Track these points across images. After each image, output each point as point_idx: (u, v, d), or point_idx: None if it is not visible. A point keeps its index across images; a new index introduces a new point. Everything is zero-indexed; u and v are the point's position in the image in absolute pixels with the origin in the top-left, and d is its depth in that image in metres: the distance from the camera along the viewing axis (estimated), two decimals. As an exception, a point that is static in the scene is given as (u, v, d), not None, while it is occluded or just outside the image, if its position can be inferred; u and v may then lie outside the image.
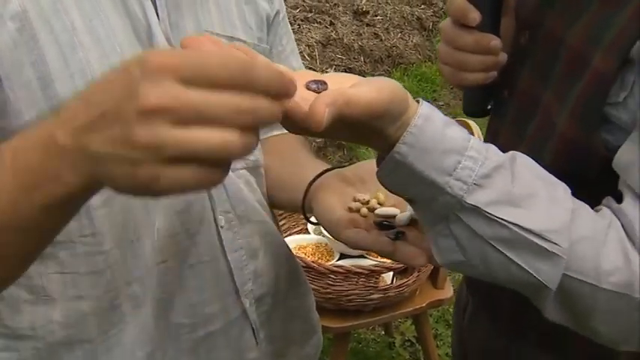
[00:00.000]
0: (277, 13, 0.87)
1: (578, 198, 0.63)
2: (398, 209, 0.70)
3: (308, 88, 0.56)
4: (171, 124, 0.41)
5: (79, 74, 0.66)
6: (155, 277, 0.74)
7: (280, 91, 0.45)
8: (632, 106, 0.62)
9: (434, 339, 2.16)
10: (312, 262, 1.72)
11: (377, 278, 1.76)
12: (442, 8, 6.20)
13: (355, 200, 0.72)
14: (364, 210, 0.71)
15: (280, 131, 0.92)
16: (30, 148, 0.49)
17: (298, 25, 4.80)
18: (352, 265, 1.76)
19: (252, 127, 0.43)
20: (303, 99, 0.51)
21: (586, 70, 0.65)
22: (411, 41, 5.51)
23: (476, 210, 0.58)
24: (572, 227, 0.59)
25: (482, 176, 0.57)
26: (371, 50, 5.04)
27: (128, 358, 0.74)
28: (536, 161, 0.67)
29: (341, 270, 1.72)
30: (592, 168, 0.66)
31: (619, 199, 0.63)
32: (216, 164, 0.43)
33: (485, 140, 0.82)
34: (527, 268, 0.59)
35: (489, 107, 0.84)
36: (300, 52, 4.40)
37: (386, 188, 0.62)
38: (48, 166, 0.47)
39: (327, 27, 4.97)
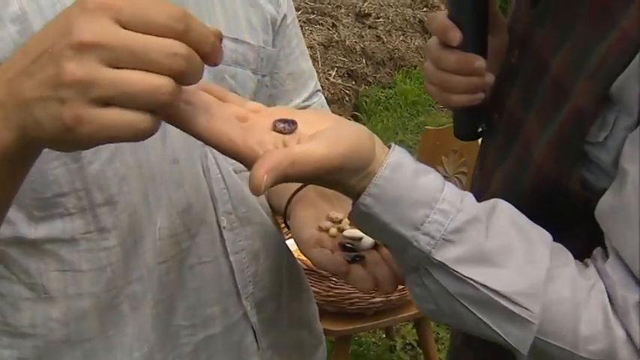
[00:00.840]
0: (285, 16, 0.86)
1: (561, 233, 0.59)
2: None
3: (275, 127, 0.54)
4: (104, 63, 0.41)
5: None
6: (156, 277, 0.73)
7: (210, 52, 0.45)
8: (612, 147, 0.56)
9: (435, 343, 2.16)
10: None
11: (379, 282, 1.75)
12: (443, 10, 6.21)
13: (328, 218, 0.73)
14: (333, 230, 0.70)
15: None
16: None
17: (300, 26, 4.79)
18: (354, 268, 1.76)
19: (184, 76, 0.43)
20: (260, 145, 0.50)
21: (566, 102, 0.60)
22: (413, 44, 5.51)
23: (443, 267, 0.54)
24: (548, 288, 0.54)
25: (452, 231, 0.54)
26: (373, 52, 5.04)
27: (127, 357, 0.73)
28: (512, 191, 0.64)
29: (343, 273, 1.71)
30: (571, 206, 0.61)
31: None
32: (146, 110, 0.43)
33: (476, 165, 0.79)
34: (496, 329, 0.56)
35: (481, 130, 0.77)
36: (302, 54, 4.41)
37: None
38: None
39: (329, 29, 4.97)
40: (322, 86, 3.64)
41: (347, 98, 4.52)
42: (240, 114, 0.55)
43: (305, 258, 0.76)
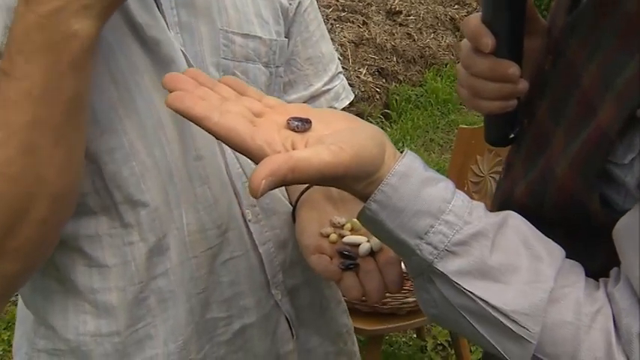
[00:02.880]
0: (300, 3, 0.86)
1: (581, 250, 0.57)
2: (365, 237, 0.69)
3: (289, 125, 0.54)
4: None
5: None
6: (187, 272, 0.75)
7: None
8: (638, 169, 0.53)
9: (468, 343, 2.13)
10: (347, 263, 1.70)
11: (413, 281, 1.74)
12: (476, 8, 6.13)
13: (330, 223, 0.73)
14: (333, 236, 0.70)
15: None
16: (33, 28, 0.56)
17: (331, 24, 4.78)
18: (387, 268, 1.75)
19: None
20: (268, 144, 0.51)
21: (592, 119, 0.57)
22: (444, 42, 5.46)
23: (445, 277, 0.54)
24: (550, 310, 0.53)
25: (456, 243, 0.53)
26: (403, 50, 5.00)
27: (160, 351, 0.75)
28: (535, 204, 0.62)
29: (376, 272, 1.71)
30: (592, 224, 0.58)
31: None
32: None
33: (502, 172, 0.77)
34: (495, 344, 0.55)
35: (512, 136, 0.73)
36: (333, 52, 4.40)
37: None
38: (61, 30, 0.55)
39: (359, 27, 4.95)
40: (352, 84, 3.63)
41: (377, 96, 4.50)
42: (256, 109, 0.56)
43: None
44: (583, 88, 0.59)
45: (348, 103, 0.96)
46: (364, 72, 4.55)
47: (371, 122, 3.47)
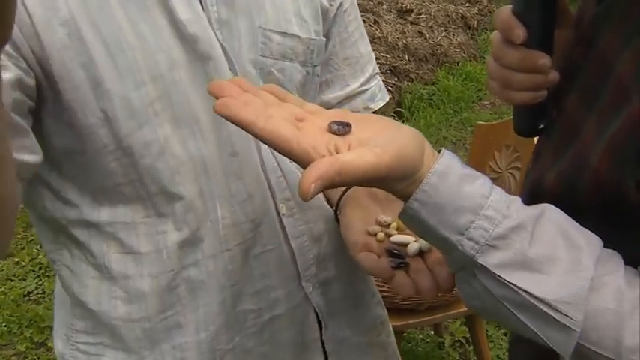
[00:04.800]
0: (341, 4, 0.88)
1: (617, 238, 0.58)
2: (413, 237, 0.70)
3: (330, 129, 0.56)
4: None
5: (127, 73, 0.68)
6: (220, 264, 0.77)
7: None
8: None
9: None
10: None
11: (432, 277, 1.75)
12: (487, 6, 6.12)
13: (377, 222, 0.74)
14: (381, 235, 0.72)
15: None
16: None
17: (343, 23, 4.80)
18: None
19: None
20: (313, 148, 0.52)
21: (626, 107, 0.57)
22: (456, 40, 5.46)
23: (487, 271, 0.55)
24: (591, 297, 0.54)
25: (497, 237, 0.55)
26: (415, 49, 5.01)
27: (190, 339, 0.77)
28: (567, 193, 0.63)
29: (396, 268, 1.72)
30: (630, 212, 0.59)
31: None
32: None
33: (530, 160, 0.78)
34: (539, 333, 0.56)
35: (542, 127, 0.74)
36: (346, 51, 4.38)
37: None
38: None
39: (371, 25, 4.95)
40: (366, 83, 3.60)
41: (390, 95, 4.50)
42: (298, 114, 0.58)
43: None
44: (617, 76, 0.60)
45: (383, 103, 0.98)
46: (368, 114, 4.56)
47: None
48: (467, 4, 6.06)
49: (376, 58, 3.75)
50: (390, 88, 4.52)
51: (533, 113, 0.75)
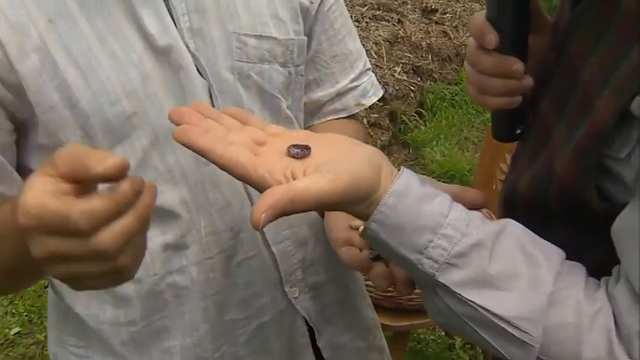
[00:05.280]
0: (321, 2, 0.88)
1: (585, 246, 0.58)
2: None
3: (289, 153, 0.57)
4: (61, 262, 0.48)
5: (101, 91, 0.70)
6: (203, 272, 0.78)
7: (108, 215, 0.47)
8: (635, 163, 0.54)
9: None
10: (373, 259, 1.72)
11: (438, 278, 1.75)
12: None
13: (360, 237, 0.74)
14: (362, 228, 0.72)
15: (335, 115, 0.94)
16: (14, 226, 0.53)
17: (366, 22, 4.79)
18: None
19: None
20: (270, 173, 0.54)
21: (590, 113, 0.58)
22: (481, 40, 5.41)
23: (447, 288, 0.56)
24: (551, 313, 0.55)
25: (456, 255, 0.55)
26: (439, 49, 4.97)
27: (177, 343, 0.79)
28: (539, 198, 0.63)
29: (402, 268, 1.72)
30: (594, 219, 0.59)
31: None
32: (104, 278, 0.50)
33: (509, 167, 0.78)
34: (500, 349, 0.57)
35: (519, 132, 0.74)
36: (367, 51, 4.38)
37: None
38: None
39: (395, 25, 4.94)
40: (387, 82, 3.60)
41: (412, 95, 4.48)
42: (258, 138, 0.59)
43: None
44: (583, 83, 0.60)
45: (376, 99, 0.98)
46: (399, 70, 4.54)
47: (405, 121, 3.43)
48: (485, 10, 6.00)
49: (399, 58, 3.68)
50: (412, 87, 4.51)
51: (510, 118, 0.75)
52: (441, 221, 0.55)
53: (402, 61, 4.67)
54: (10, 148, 0.70)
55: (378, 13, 5.01)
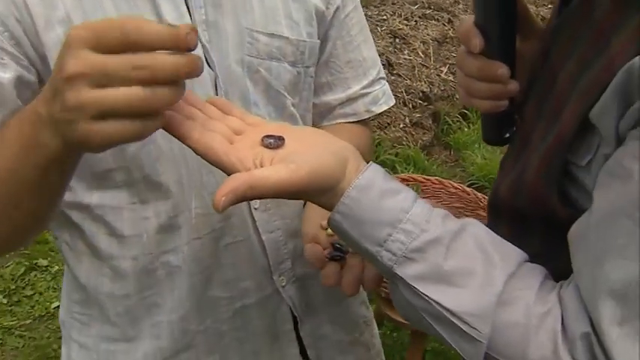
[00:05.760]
0: (338, 8, 0.91)
1: (553, 248, 0.60)
2: None
3: (262, 143, 0.60)
4: (90, 87, 0.50)
5: None
6: (191, 252, 0.82)
7: (174, 45, 0.50)
8: (595, 172, 0.57)
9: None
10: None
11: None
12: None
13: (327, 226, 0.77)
14: (330, 230, 0.75)
15: (345, 119, 0.97)
16: (24, 118, 0.60)
17: (415, 21, 4.77)
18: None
19: (153, 81, 0.50)
20: (240, 161, 0.57)
21: (559, 121, 0.60)
22: (534, 43, 5.31)
23: (404, 281, 0.59)
24: (500, 312, 0.57)
25: (413, 250, 0.58)
26: (489, 50, 4.92)
27: (165, 319, 0.84)
28: (518, 203, 0.65)
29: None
30: (559, 224, 0.61)
31: None
32: (136, 117, 0.51)
33: (498, 171, 0.79)
34: (451, 343, 0.59)
35: (507, 136, 0.76)
36: (414, 50, 4.34)
37: None
38: (35, 134, 0.57)
39: (444, 24, 4.90)
40: (432, 82, 3.58)
41: (457, 95, 4.45)
42: (236, 127, 0.63)
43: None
44: (558, 89, 0.62)
45: (386, 108, 1.01)
46: (445, 71, 4.51)
47: (448, 122, 3.41)
48: (549, 6, 5.87)
49: (446, 58, 3.66)
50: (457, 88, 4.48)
51: (498, 122, 0.76)
52: (401, 217, 0.58)
53: (450, 61, 4.63)
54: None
55: (428, 12, 4.98)
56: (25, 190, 0.63)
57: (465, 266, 0.58)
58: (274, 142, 0.60)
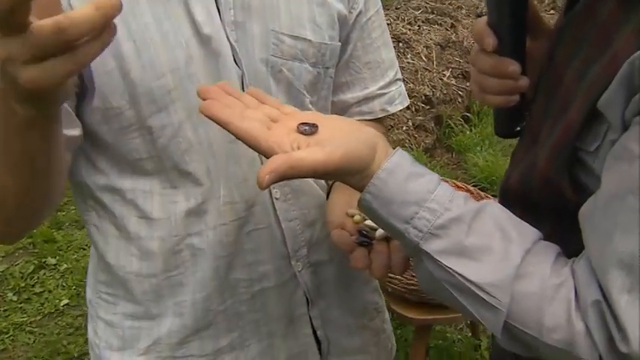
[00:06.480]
0: (361, 12, 0.96)
1: (564, 232, 0.65)
2: None
3: (298, 129, 0.66)
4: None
5: (149, 65, 0.79)
6: (217, 236, 0.87)
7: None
8: (603, 157, 0.62)
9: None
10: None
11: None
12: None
13: (357, 207, 0.82)
14: (357, 217, 0.81)
15: (361, 117, 1.02)
16: None
17: (418, 26, 4.82)
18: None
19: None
20: (278, 145, 0.63)
21: (567, 113, 0.65)
22: (535, 47, 5.36)
23: (429, 255, 0.64)
24: (518, 283, 0.62)
25: (438, 227, 0.63)
26: (491, 55, 4.97)
27: (188, 298, 0.89)
28: (528, 192, 0.70)
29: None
30: (569, 209, 0.66)
31: None
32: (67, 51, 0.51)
33: (509, 163, 0.85)
34: (474, 312, 0.64)
35: (518, 129, 0.81)
36: (417, 54, 4.37)
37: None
38: (2, 106, 0.58)
39: (447, 29, 4.95)
40: (435, 86, 3.63)
41: (459, 99, 4.50)
42: (273, 115, 0.69)
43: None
44: (564, 86, 0.67)
45: (401, 108, 1.05)
46: (448, 74, 4.57)
47: (450, 125, 3.46)
48: (551, 11, 5.93)
49: (449, 62, 3.70)
50: (460, 92, 4.52)
51: (510, 116, 0.82)
52: (427, 197, 0.63)
53: (452, 65, 4.68)
54: (74, 101, 0.80)
55: (431, 16, 5.04)
56: (11, 157, 0.65)
57: (484, 242, 0.63)
58: (309, 129, 0.66)
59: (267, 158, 0.62)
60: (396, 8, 5.03)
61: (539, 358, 0.66)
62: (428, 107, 4.20)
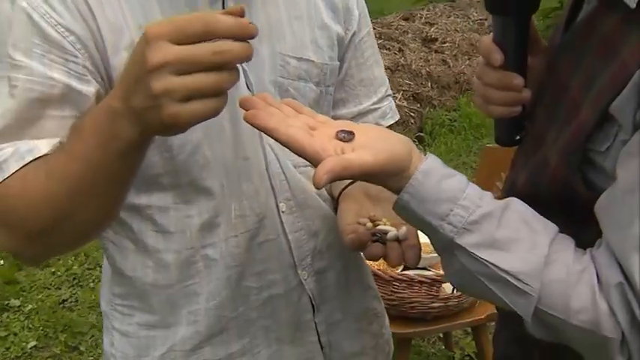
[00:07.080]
0: (354, 33, 1.02)
1: (574, 228, 0.72)
2: (394, 229, 0.85)
3: (337, 136, 0.71)
4: (174, 74, 0.60)
5: None
6: (229, 247, 0.92)
7: (241, 34, 0.63)
8: (613, 156, 0.68)
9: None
10: (378, 269, 1.85)
11: (438, 288, 1.87)
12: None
13: (368, 216, 0.89)
14: (369, 225, 0.87)
15: None
16: (100, 115, 0.69)
17: (368, 51, 4.96)
18: (416, 275, 1.89)
19: (229, 64, 0.63)
20: (322, 149, 0.68)
21: (576, 117, 0.72)
22: (479, 68, 5.57)
23: (464, 250, 0.69)
24: (545, 271, 0.68)
25: (471, 222, 0.68)
26: (438, 76, 5.14)
27: (202, 306, 0.93)
28: (534, 190, 0.77)
29: (405, 278, 1.85)
30: (579, 204, 0.72)
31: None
32: (215, 95, 0.63)
33: (509, 168, 0.92)
34: (506, 300, 0.70)
35: (518, 138, 0.87)
36: (369, 78, 4.49)
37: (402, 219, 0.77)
38: (111, 127, 0.67)
39: (395, 53, 5.11)
40: (388, 108, 3.69)
41: (412, 120, 4.63)
42: (310, 123, 0.73)
43: (371, 262, 0.87)
44: (571, 94, 0.75)
45: (393, 122, 1.11)
46: (399, 97, 4.70)
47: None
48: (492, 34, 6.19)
49: (399, 85, 3.83)
50: (412, 114, 4.66)
51: (511, 126, 0.88)
52: (459, 195, 0.69)
53: (403, 88, 4.83)
54: None
55: (379, 41, 5.19)
56: (104, 178, 0.72)
57: (513, 235, 0.69)
58: (347, 136, 0.70)
59: (312, 162, 0.67)
60: (345, 35, 5.16)
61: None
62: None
